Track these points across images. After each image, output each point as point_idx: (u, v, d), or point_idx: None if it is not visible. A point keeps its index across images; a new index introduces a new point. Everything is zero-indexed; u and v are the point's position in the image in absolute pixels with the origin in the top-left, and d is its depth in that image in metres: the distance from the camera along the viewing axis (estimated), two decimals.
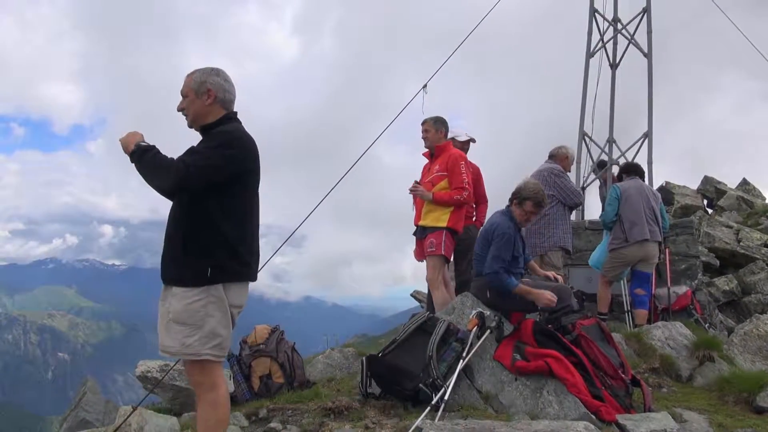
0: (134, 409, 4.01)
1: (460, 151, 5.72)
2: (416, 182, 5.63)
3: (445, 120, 5.78)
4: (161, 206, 3.05)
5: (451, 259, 5.70)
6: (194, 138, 3.02)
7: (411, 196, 5.78)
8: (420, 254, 5.68)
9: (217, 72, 3.01)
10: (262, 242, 3.09)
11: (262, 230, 3.13)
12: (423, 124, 5.77)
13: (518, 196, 4.93)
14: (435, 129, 5.69)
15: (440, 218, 5.46)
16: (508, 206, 5.04)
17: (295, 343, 5.25)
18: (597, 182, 9.74)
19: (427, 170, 5.80)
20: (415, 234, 5.75)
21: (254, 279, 3.03)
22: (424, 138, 5.76)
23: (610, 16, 10.45)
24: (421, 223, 5.61)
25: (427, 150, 5.83)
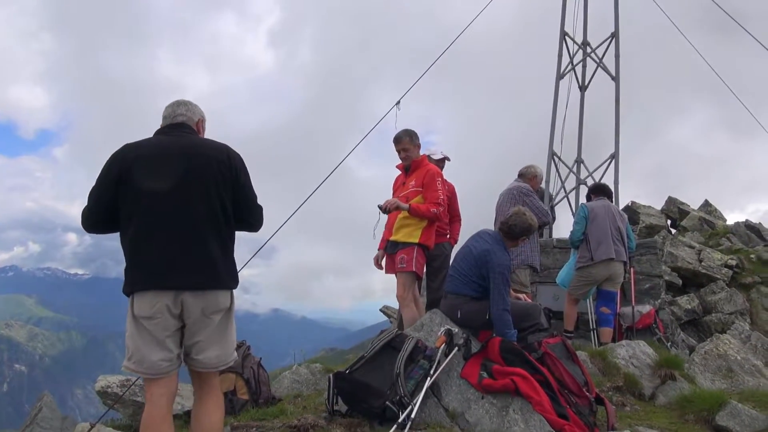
0: (92, 426, 3.89)
1: (436, 167, 5.65)
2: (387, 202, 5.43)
3: (416, 132, 5.68)
4: None
5: (423, 275, 5.64)
6: None
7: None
8: (390, 269, 5.59)
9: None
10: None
11: None
12: (399, 142, 5.60)
13: (511, 230, 4.96)
14: (413, 145, 5.57)
15: (412, 234, 5.36)
16: (498, 232, 5.06)
17: (261, 358, 5.18)
18: (565, 201, 9.92)
19: (401, 184, 5.72)
20: (386, 248, 5.67)
21: (159, 287, 2.79)
22: (404, 158, 5.62)
23: (579, 40, 10.72)
24: (392, 237, 5.50)
25: (401, 163, 5.72)
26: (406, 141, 5.56)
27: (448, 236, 6.47)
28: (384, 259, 5.72)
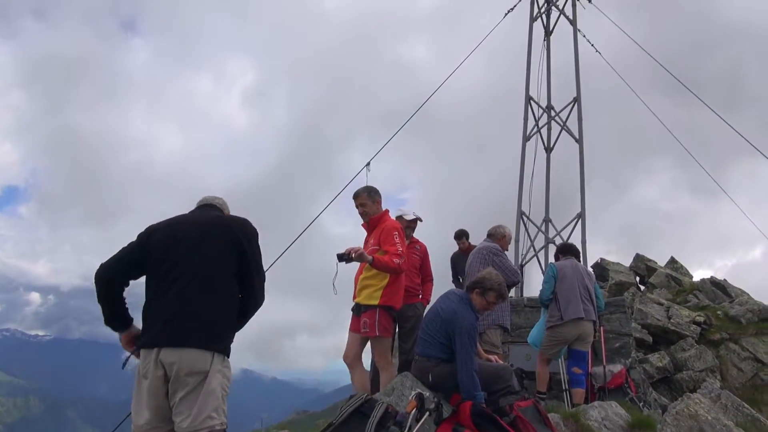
0: None
1: (395, 222, 5.43)
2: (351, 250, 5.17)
3: (376, 189, 5.53)
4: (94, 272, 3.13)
5: (391, 336, 5.48)
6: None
7: (354, 270, 5.53)
8: (356, 329, 5.32)
9: None
10: None
11: None
12: (357, 197, 5.45)
13: (482, 286, 4.95)
14: (371, 200, 5.39)
15: (372, 295, 5.12)
16: (466, 292, 5.04)
17: (226, 426, 4.97)
18: (535, 260, 10.04)
19: (366, 243, 5.49)
20: (352, 309, 5.51)
21: (145, 345, 2.99)
22: (362, 213, 5.45)
23: (544, 104, 11.15)
24: (356, 299, 5.31)
25: (365, 222, 5.54)
26: (363, 196, 5.42)
27: (420, 297, 6.46)
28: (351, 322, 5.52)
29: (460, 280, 9.08)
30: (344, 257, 4.85)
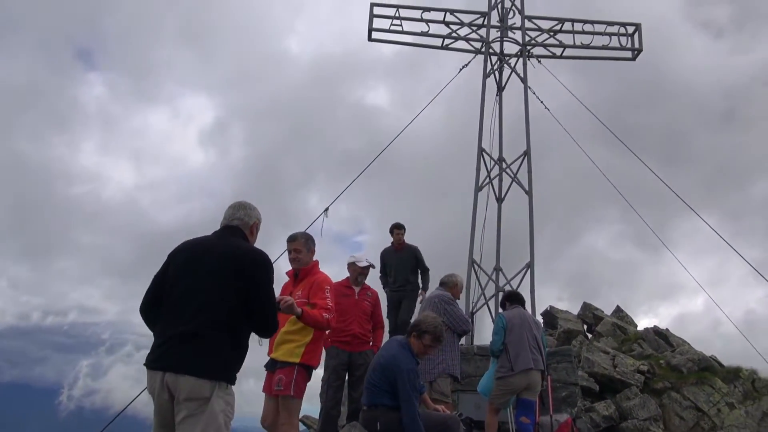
0: None
1: (326, 276, 5.03)
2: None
3: (313, 238, 5.17)
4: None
5: (301, 399, 4.89)
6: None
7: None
8: (268, 389, 4.89)
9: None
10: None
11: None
12: (293, 240, 5.05)
13: (417, 329, 5.02)
14: (307, 249, 5.02)
15: (294, 352, 4.68)
16: (405, 338, 5.10)
17: None
18: (485, 308, 10.20)
19: (288, 293, 4.88)
20: (266, 366, 5.00)
21: (150, 366, 3.12)
22: (293, 259, 5.02)
23: (496, 156, 11.55)
24: (272, 354, 4.84)
25: (291, 270, 5.14)
26: (300, 242, 5.01)
27: (371, 344, 6.47)
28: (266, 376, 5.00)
29: (387, 276, 9.02)
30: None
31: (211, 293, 3.17)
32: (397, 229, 8.96)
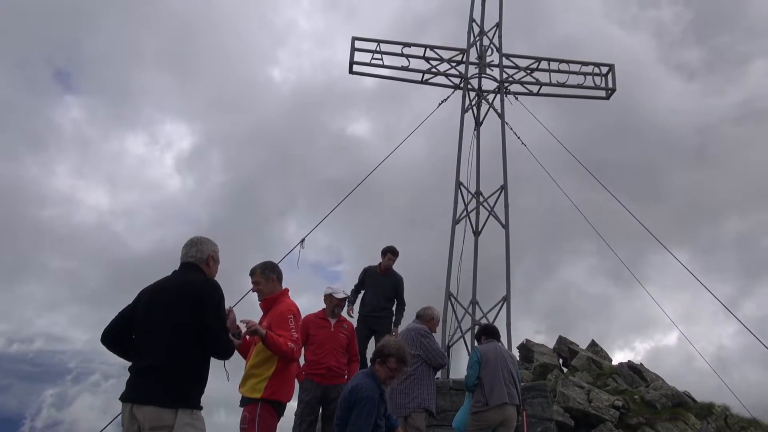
0: None
1: (289, 304, 4.78)
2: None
3: (274, 265, 4.97)
4: None
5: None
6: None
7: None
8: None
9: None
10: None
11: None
12: (252, 274, 4.88)
13: (381, 355, 4.93)
14: (265, 279, 4.80)
15: (256, 387, 4.47)
16: (370, 366, 5.02)
17: None
18: (461, 341, 10.17)
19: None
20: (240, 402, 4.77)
21: (121, 399, 3.38)
22: (256, 291, 4.87)
23: (473, 189, 11.69)
24: (240, 390, 4.64)
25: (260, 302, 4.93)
26: (257, 274, 4.82)
27: (346, 377, 6.38)
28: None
29: (359, 293, 8.69)
30: (236, 333, 4.16)
31: (166, 327, 3.43)
32: (391, 253, 8.66)
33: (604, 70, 13.07)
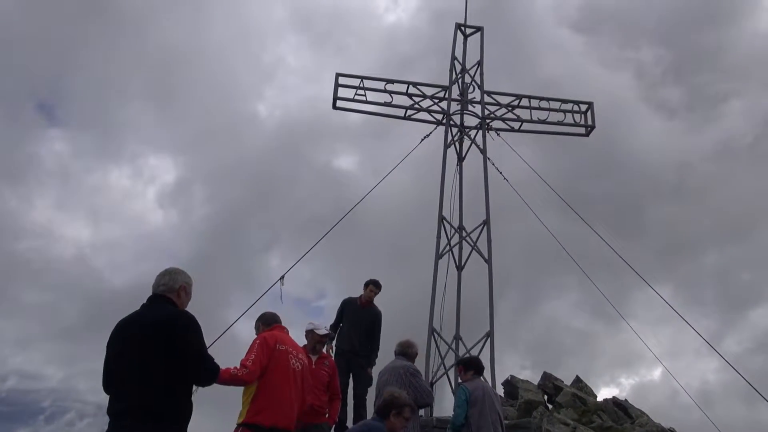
0: None
1: (265, 333, 5.01)
2: None
3: (260, 315, 5.34)
4: None
5: None
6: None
7: None
8: None
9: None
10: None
11: None
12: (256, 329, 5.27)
13: (396, 405, 4.84)
14: (256, 331, 5.19)
15: (241, 413, 4.63)
16: (379, 419, 4.89)
17: None
18: (445, 378, 10.02)
19: None
20: None
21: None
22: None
23: (456, 224, 11.72)
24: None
25: None
26: (256, 326, 5.27)
27: (327, 416, 6.22)
28: None
29: (339, 327, 8.41)
30: None
31: (144, 366, 3.36)
32: (373, 286, 8.44)
33: (584, 107, 13.34)
